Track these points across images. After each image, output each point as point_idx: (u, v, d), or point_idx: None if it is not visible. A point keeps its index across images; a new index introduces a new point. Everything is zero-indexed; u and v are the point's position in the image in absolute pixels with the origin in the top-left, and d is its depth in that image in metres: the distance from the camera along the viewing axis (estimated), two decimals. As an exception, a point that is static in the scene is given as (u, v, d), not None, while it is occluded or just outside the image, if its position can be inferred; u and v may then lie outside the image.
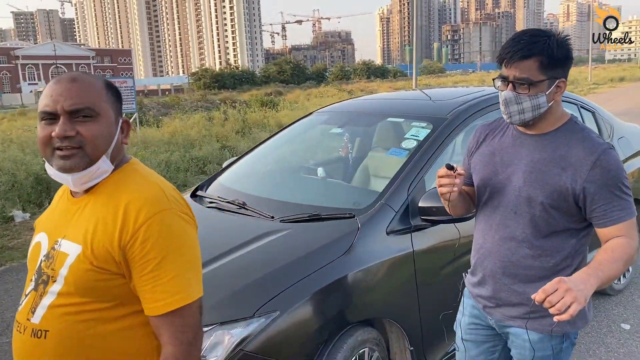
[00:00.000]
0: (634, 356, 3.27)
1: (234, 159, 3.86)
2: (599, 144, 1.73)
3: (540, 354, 1.84)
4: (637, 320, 3.70)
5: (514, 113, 1.74)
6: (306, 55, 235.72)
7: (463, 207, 2.01)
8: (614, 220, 1.69)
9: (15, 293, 4.89)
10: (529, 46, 1.69)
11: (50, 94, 1.25)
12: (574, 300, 1.43)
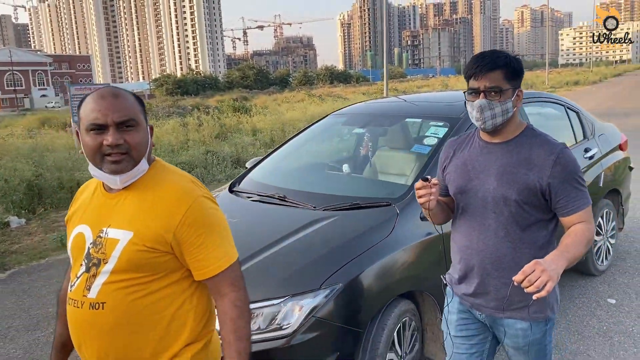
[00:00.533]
0: (622, 325, 3.73)
1: (259, 159, 4.18)
2: (556, 145, 1.99)
3: (532, 339, 2.07)
4: (621, 295, 4.19)
5: (488, 118, 1.96)
6: (268, 61, 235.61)
7: (443, 215, 2.20)
8: (574, 209, 1.94)
9: (33, 293, 5.04)
10: (494, 61, 1.95)
11: (99, 109, 1.46)
12: (549, 279, 1.63)
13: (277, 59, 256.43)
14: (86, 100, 1.51)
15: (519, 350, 2.13)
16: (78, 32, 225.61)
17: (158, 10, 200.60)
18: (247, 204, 3.37)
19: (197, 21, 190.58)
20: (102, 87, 1.60)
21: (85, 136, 1.48)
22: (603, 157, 4.46)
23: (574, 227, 1.93)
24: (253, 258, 2.66)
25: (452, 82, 55.00)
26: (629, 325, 3.72)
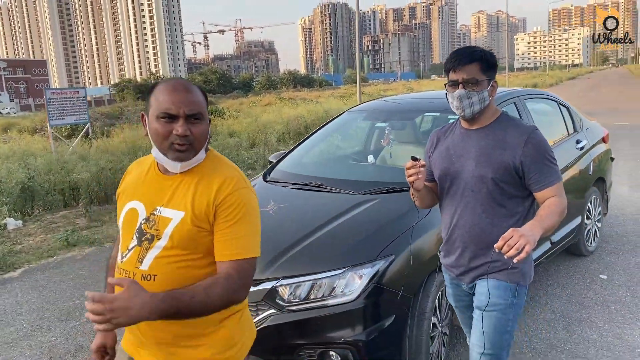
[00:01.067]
0: (616, 295, 4.19)
1: (282, 153, 4.48)
2: (527, 127, 2.23)
3: (494, 300, 2.22)
4: (610, 272, 4.65)
5: (466, 106, 2.18)
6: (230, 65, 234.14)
7: (428, 199, 2.41)
8: (546, 184, 2.14)
9: (54, 288, 5.17)
10: (470, 55, 2.18)
11: (172, 100, 1.59)
12: (527, 242, 1.82)
13: (238, 63, 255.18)
14: (158, 88, 1.64)
15: (480, 311, 2.26)
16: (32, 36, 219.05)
17: (116, 14, 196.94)
18: (287, 191, 3.66)
19: (157, 25, 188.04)
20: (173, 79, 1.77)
21: (155, 122, 1.61)
22: (591, 148, 4.93)
23: (548, 200, 2.12)
24: (311, 236, 2.97)
25: (415, 85, 56.08)
26: (622, 295, 4.18)
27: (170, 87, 1.62)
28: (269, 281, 2.78)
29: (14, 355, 3.88)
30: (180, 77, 1.94)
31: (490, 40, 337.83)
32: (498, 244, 1.85)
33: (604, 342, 3.50)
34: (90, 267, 5.75)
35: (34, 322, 4.41)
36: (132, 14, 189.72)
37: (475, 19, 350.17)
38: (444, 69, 2.31)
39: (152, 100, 1.64)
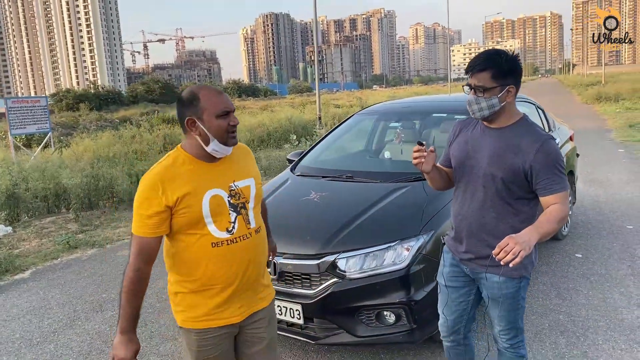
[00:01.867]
0: (593, 270, 4.88)
1: (300, 152, 4.95)
2: (542, 135, 2.31)
3: (505, 292, 2.42)
4: (584, 252, 5.37)
5: (475, 110, 2.33)
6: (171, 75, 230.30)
7: (440, 182, 2.58)
8: (552, 191, 2.24)
9: (73, 285, 5.39)
10: (484, 62, 2.28)
11: (223, 101, 2.05)
12: (522, 249, 1.96)
13: (180, 72, 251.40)
14: (204, 95, 2.03)
15: (494, 301, 2.47)
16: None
17: (50, 21, 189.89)
18: (322, 182, 4.13)
19: (95, 34, 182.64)
20: (202, 84, 2.25)
21: (216, 120, 2.02)
22: (563, 145, 5.67)
23: (551, 207, 2.22)
24: (360, 216, 3.47)
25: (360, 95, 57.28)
26: (597, 269, 4.88)
27: (214, 92, 2.06)
28: (331, 255, 3.25)
29: (64, 341, 4.14)
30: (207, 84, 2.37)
31: (428, 51, 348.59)
32: (495, 251, 2.00)
33: (591, 304, 4.16)
34: (101, 266, 5.98)
35: (70, 314, 4.66)
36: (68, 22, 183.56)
37: (413, 31, 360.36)
38: (465, 71, 2.43)
39: (204, 105, 2.02)
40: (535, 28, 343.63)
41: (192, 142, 2.08)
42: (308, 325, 3.30)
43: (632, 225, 6.18)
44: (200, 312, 2.12)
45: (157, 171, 2.02)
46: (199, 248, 2.07)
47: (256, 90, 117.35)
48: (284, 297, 3.34)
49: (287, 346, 3.78)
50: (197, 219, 2.03)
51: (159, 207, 1.98)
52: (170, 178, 2.01)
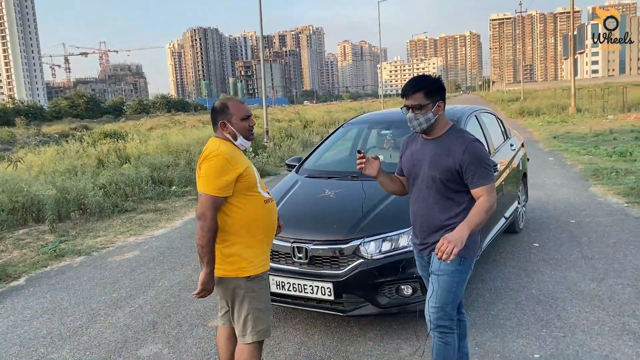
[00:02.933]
0: (550, 255, 5.72)
1: (299, 157, 5.51)
2: (468, 139, 2.77)
3: (443, 267, 2.77)
4: (539, 242, 6.23)
5: (416, 125, 2.81)
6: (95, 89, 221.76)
7: (391, 187, 3.09)
8: (478, 184, 2.70)
9: (78, 287, 5.62)
10: (416, 85, 2.78)
11: (245, 107, 2.92)
12: (455, 246, 2.46)
13: (104, 87, 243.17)
14: (231, 104, 2.89)
15: (434, 276, 2.82)
16: None
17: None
18: (331, 181, 4.70)
19: (11, 46, 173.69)
20: (228, 97, 3.16)
21: (241, 122, 2.86)
22: (519, 150, 6.55)
23: (477, 200, 2.69)
24: (377, 207, 4.09)
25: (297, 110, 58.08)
26: (554, 255, 5.73)
27: (238, 102, 2.95)
28: (356, 239, 3.83)
29: (95, 334, 4.44)
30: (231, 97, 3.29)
31: (356, 68, 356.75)
32: (435, 252, 2.53)
33: (555, 281, 4.96)
34: (97, 271, 6.21)
35: (88, 312, 4.93)
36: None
37: (341, 48, 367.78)
38: (401, 95, 2.91)
39: (232, 111, 2.86)
40: (456, 47, 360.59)
41: (223, 137, 2.86)
42: (338, 300, 3.84)
43: (574, 219, 7.16)
44: (261, 259, 2.84)
45: (225, 151, 2.74)
46: (256, 206, 2.81)
47: (186, 104, 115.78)
48: (315, 278, 3.87)
49: (289, 338, 4.30)
50: (253, 184, 2.82)
51: (233, 176, 2.71)
52: (234, 156, 2.76)
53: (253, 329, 2.80)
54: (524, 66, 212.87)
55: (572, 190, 9.20)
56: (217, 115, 2.88)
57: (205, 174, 2.71)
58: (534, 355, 3.62)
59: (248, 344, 2.82)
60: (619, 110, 28.81)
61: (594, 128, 20.58)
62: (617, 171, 10.51)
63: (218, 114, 2.88)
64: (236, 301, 2.80)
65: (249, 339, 2.82)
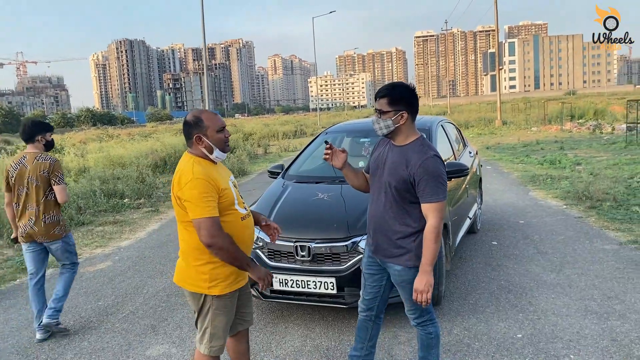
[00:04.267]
0: (511, 252, 6.29)
1: (281, 164, 5.78)
2: (427, 154, 2.78)
3: (403, 278, 2.92)
4: (497, 240, 6.80)
5: (377, 129, 2.90)
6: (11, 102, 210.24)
7: (355, 182, 3.18)
8: (427, 200, 2.75)
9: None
10: (384, 91, 2.84)
11: (219, 119, 2.80)
12: (425, 291, 2.72)
13: (22, 99, 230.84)
14: (205, 116, 2.78)
15: (398, 286, 3.00)
16: None
17: None
18: (320, 185, 5.00)
19: None
20: (200, 109, 2.97)
21: (217, 134, 2.77)
22: (475, 158, 7.14)
23: (425, 228, 2.78)
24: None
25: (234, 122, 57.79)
26: (513, 251, 6.30)
27: (212, 114, 2.84)
28: (356, 237, 4.16)
29: (94, 339, 4.49)
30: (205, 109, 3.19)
31: (287, 82, 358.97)
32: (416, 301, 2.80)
33: (519, 273, 5.49)
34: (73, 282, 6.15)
35: (79, 320, 4.95)
36: None
37: (271, 62, 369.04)
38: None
39: (207, 123, 2.76)
40: (383, 62, 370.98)
41: (197, 153, 2.79)
42: (340, 293, 4.14)
43: (522, 220, 7.84)
44: (232, 278, 2.82)
45: (200, 172, 2.68)
46: (234, 223, 2.80)
47: (113, 118, 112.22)
48: (318, 274, 4.16)
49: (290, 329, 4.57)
50: (231, 202, 2.79)
51: (215, 195, 2.69)
52: (211, 175, 2.71)
53: (208, 342, 2.87)
54: (447, 82, 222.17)
55: (514, 195, 9.98)
56: (191, 129, 2.78)
57: (191, 200, 2.64)
58: (516, 335, 4.08)
59: (202, 354, 2.92)
60: (540, 122, 30.93)
61: (522, 139, 22.09)
62: (551, 177, 11.48)
63: (192, 127, 2.77)
64: (201, 313, 2.87)
65: (203, 349, 2.89)
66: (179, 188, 2.71)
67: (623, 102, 41.52)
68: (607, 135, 21.77)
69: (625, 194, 8.93)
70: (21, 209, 4.46)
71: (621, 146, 17.10)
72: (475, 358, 3.76)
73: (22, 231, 4.47)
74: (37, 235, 4.44)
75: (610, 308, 4.49)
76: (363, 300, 3.25)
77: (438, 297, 4.57)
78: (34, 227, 4.42)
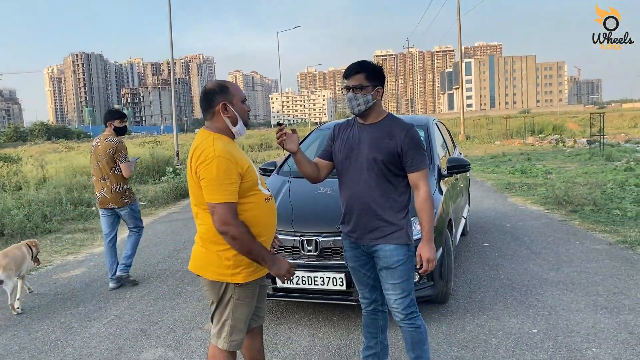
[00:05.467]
0: (501, 252, 6.20)
1: (275, 162, 5.55)
2: (407, 124, 2.82)
3: (397, 258, 2.81)
4: (488, 242, 6.72)
5: (354, 106, 2.81)
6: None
7: (308, 168, 2.95)
8: (416, 168, 2.77)
9: (24, 311, 5.15)
10: (359, 67, 2.80)
11: (242, 91, 2.61)
12: (433, 259, 2.74)
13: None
14: (230, 85, 2.60)
15: (389, 270, 2.83)
16: None
17: None
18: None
19: None
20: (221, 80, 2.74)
21: (242, 105, 2.60)
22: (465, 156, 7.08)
23: (418, 199, 2.77)
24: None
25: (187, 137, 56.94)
26: (506, 252, 6.22)
27: (235, 84, 2.64)
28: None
29: (79, 345, 4.12)
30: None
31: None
32: (422, 273, 2.79)
33: (519, 272, 5.40)
34: (46, 287, 5.74)
35: (59, 326, 4.57)
36: None
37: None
38: (343, 76, 2.94)
39: (233, 92, 2.57)
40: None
41: (218, 126, 2.57)
42: (349, 290, 3.92)
43: (509, 224, 7.81)
44: (255, 266, 2.56)
45: (223, 150, 2.42)
46: (258, 205, 2.56)
47: (68, 132, 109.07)
48: (326, 270, 3.94)
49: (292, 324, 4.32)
50: (255, 182, 2.55)
51: (237, 178, 2.43)
52: (233, 154, 2.46)
53: (228, 335, 2.62)
54: (406, 100, 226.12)
55: (494, 201, 10.00)
56: (216, 96, 2.55)
57: (209, 181, 2.40)
58: (532, 330, 3.94)
59: (220, 349, 2.65)
60: (503, 137, 31.61)
61: (488, 152, 22.44)
62: (527, 185, 11.60)
63: (216, 94, 2.55)
64: (221, 303, 2.61)
65: (222, 344, 2.63)
66: (197, 164, 2.44)
67: (576, 120, 43.24)
68: (569, 149, 22.37)
69: (603, 199, 9.05)
70: (95, 180, 5.55)
71: (586, 157, 17.55)
72: (495, 353, 3.59)
73: (97, 199, 5.55)
74: (109, 202, 5.46)
75: (619, 303, 4.42)
76: (363, 295, 3.10)
77: (447, 294, 4.41)
78: (106, 195, 5.45)
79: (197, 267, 2.63)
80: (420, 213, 2.78)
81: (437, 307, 4.46)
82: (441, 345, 3.74)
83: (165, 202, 11.86)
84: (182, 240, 7.86)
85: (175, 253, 7.05)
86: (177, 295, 5.20)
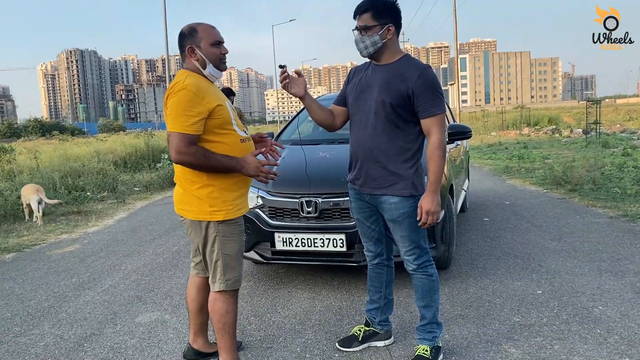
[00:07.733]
0: (503, 225, 6.14)
1: (272, 132, 5.44)
2: (422, 65, 2.58)
3: (402, 211, 2.65)
4: (488, 217, 6.66)
5: (362, 49, 2.62)
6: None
7: (320, 115, 2.82)
8: (430, 113, 2.53)
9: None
10: (365, 4, 2.57)
11: (216, 32, 2.55)
12: (436, 212, 2.53)
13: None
14: (201, 28, 2.54)
15: (395, 223, 2.70)
16: None
17: None
18: (318, 147, 4.70)
19: None
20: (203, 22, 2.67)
21: (212, 48, 2.53)
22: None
23: (429, 146, 2.55)
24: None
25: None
26: (507, 225, 6.16)
27: (209, 26, 2.57)
28: (366, 190, 3.87)
29: (72, 311, 4.03)
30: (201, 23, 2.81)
31: (243, 94, 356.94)
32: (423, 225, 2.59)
33: (519, 242, 5.33)
34: (40, 263, 5.62)
35: (52, 295, 4.46)
36: None
37: (227, 74, 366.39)
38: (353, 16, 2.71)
39: (202, 35, 2.53)
40: (339, 77, 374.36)
41: (190, 67, 2.56)
42: (350, 251, 3.84)
43: (508, 201, 7.76)
44: (237, 203, 2.59)
45: (191, 83, 2.42)
46: (232, 145, 2.54)
47: (62, 128, 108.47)
48: (327, 231, 3.85)
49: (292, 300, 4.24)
50: (228, 120, 2.54)
51: (203, 110, 2.42)
52: (202, 88, 2.46)
53: (222, 276, 2.59)
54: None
55: (492, 183, 9.94)
56: (184, 39, 2.56)
57: (171, 111, 2.41)
58: (536, 292, 3.87)
59: (217, 292, 2.63)
60: (499, 128, 31.60)
61: (484, 141, 22.39)
62: (525, 168, 11.55)
63: (185, 38, 2.56)
64: (207, 243, 2.59)
65: (218, 286, 2.60)
66: (166, 97, 2.47)
67: (571, 114, 43.24)
68: (565, 138, 22.36)
69: (602, 179, 9.00)
70: None
71: (582, 145, 17.53)
72: (500, 312, 3.51)
73: None
74: None
75: (624, 267, 4.36)
76: (368, 248, 3.00)
77: (448, 258, 4.34)
78: None
79: (179, 209, 2.65)
80: (429, 162, 2.56)
81: (439, 272, 4.34)
82: (444, 306, 3.65)
83: (160, 187, 11.73)
84: (178, 219, 7.75)
85: (172, 230, 6.95)
86: (173, 267, 5.11)
